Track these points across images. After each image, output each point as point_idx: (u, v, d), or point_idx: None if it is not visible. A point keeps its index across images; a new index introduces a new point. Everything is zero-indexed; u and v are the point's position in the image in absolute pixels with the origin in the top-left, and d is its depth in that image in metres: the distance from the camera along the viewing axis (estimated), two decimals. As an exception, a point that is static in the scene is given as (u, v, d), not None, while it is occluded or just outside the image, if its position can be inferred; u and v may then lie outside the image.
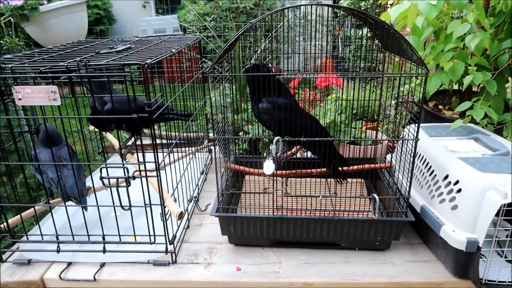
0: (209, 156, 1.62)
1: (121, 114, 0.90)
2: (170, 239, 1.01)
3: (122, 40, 1.35)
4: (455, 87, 1.60)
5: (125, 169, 0.94)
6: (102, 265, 1.03)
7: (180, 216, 0.97)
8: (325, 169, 1.06)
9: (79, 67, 0.89)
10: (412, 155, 0.95)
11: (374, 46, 1.37)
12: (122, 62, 0.89)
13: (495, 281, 0.90)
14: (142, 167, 0.95)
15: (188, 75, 1.43)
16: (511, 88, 1.43)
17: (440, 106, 1.53)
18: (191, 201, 1.26)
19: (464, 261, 0.90)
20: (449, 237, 0.88)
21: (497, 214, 0.82)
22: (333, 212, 0.98)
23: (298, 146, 1.12)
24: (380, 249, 1.05)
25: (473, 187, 0.86)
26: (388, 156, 1.29)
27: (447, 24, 1.30)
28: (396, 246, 1.08)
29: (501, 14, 1.31)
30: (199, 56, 1.48)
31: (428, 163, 1.03)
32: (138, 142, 1.25)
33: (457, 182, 0.90)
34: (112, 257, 1.04)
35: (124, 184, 0.95)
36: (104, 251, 1.02)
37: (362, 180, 1.29)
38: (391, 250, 1.07)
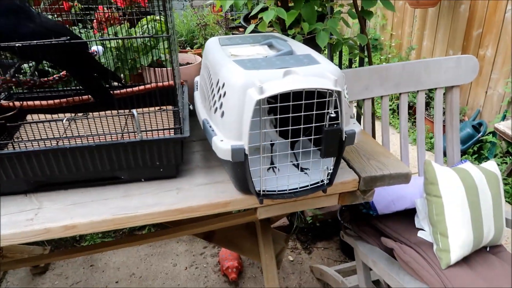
0: None
1: None
2: None
3: None
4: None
5: None
6: None
7: None
8: (85, 96, 0.86)
9: None
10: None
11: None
12: None
13: (275, 191, 0.82)
14: None
15: None
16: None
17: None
18: None
19: (242, 174, 0.80)
20: (217, 148, 0.76)
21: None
22: (92, 138, 0.80)
23: (62, 73, 0.89)
24: (168, 176, 0.92)
25: (235, 86, 0.74)
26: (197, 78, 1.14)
27: None
28: (192, 171, 0.96)
29: None
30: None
31: (209, 72, 0.89)
32: None
33: (224, 85, 0.77)
34: None
35: None
36: None
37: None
38: (183, 176, 0.94)
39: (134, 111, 0.78)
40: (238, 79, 0.73)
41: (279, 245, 1.64)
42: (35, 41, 0.68)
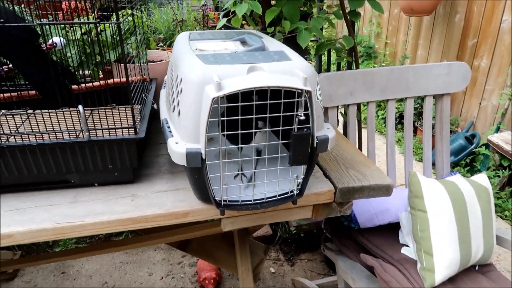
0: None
1: None
2: None
3: None
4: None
5: None
6: None
7: None
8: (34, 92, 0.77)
9: None
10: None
11: None
12: None
13: (238, 201, 0.74)
14: None
15: None
16: None
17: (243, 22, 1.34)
18: None
19: (200, 181, 0.71)
20: (172, 152, 0.68)
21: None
22: (34, 136, 0.71)
23: (8, 66, 0.81)
24: (124, 181, 0.83)
25: (192, 82, 0.66)
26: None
27: None
28: (152, 177, 0.87)
29: None
30: None
31: (172, 68, 0.81)
32: None
33: (181, 81, 0.69)
34: None
35: None
36: None
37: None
38: (141, 181, 0.85)
39: (80, 106, 0.69)
40: (195, 74, 0.65)
41: (257, 256, 1.55)
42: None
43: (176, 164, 0.92)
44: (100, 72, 1.15)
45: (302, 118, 0.66)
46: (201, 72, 0.65)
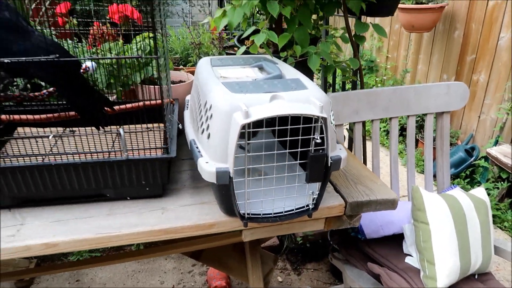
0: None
1: None
2: None
3: None
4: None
5: None
6: None
7: None
8: (72, 112, 0.85)
9: None
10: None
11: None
12: None
13: (260, 215, 0.82)
14: None
15: None
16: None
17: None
18: None
19: (227, 196, 0.80)
20: (202, 171, 0.76)
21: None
22: (78, 155, 0.80)
23: (52, 89, 0.90)
24: (154, 195, 0.91)
25: (221, 109, 0.74)
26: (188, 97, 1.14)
27: None
28: (178, 191, 0.95)
29: None
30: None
31: (199, 92, 0.90)
32: None
33: (211, 107, 0.78)
34: None
35: None
36: None
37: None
38: (169, 196, 0.94)
39: (120, 129, 0.78)
40: (225, 102, 0.74)
41: (267, 266, 1.63)
42: (23, 58, 0.68)
43: (199, 180, 1.01)
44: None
45: (318, 141, 0.75)
46: (229, 101, 0.74)
